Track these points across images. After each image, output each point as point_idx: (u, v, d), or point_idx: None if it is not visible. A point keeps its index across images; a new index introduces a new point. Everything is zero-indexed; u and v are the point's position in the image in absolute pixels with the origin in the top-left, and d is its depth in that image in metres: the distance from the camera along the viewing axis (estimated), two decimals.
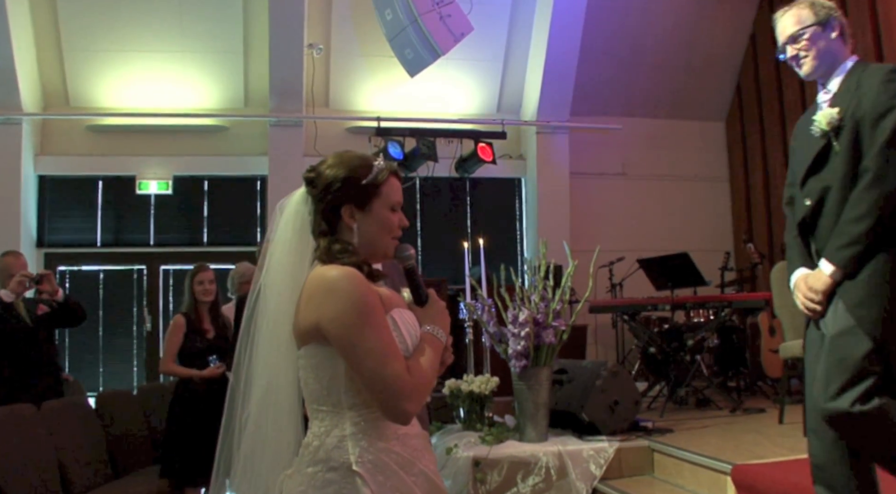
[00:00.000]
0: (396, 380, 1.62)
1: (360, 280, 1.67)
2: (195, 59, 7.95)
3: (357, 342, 1.62)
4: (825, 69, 2.49)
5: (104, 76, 7.87)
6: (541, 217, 8.43)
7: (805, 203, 2.44)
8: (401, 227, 1.84)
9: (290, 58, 7.71)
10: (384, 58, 7.73)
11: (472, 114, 8.67)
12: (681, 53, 8.78)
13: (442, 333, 1.80)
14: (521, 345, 4.52)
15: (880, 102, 2.31)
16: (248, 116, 8.21)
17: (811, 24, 2.47)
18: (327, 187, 1.77)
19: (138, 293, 8.13)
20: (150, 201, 8.19)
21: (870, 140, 2.30)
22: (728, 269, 7.24)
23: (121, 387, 7.19)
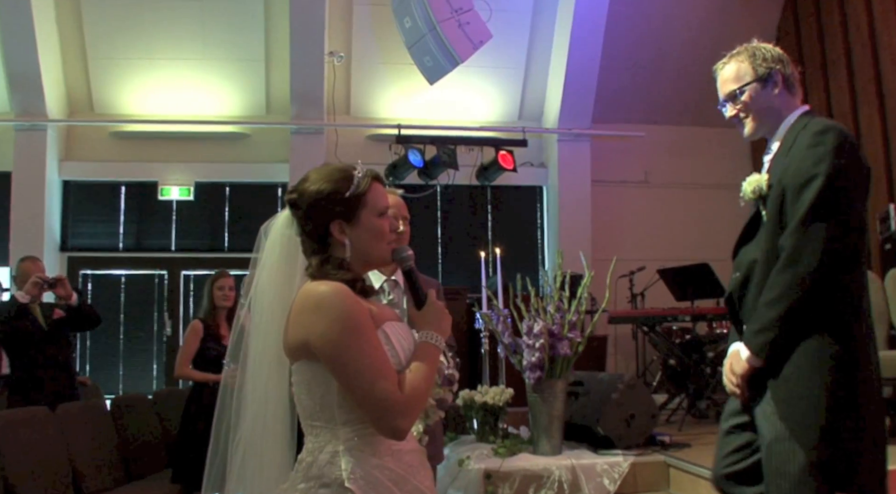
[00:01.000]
0: (388, 397, 1.61)
1: (349, 296, 1.66)
2: (217, 67, 8.03)
3: (346, 359, 1.62)
4: (768, 128, 2.32)
5: (128, 83, 7.97)
6: (562, 226, 8.39)
7: (734, 275, 2.29)
8: (392, 230, 1.83)
9: (310, 66, 7.77)
10: (405, 65, 7.75)
11: (493, 121, 8.66)
12: (704, 59, 8.47)
13: (439, 338, 1.78)
14: (535, 356, 4.46)
15: (803, 169, 2.10)
16: (269, 123, 8.27)
17: (750, 81, 2.30)
18: (312, 207, 1.75)
19: (159, 298, 8.20)
20: (172, 207, 8.28)
21: (791, 213, 2.10)
22: None
23: (141, 391, 7.21)
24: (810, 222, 2.04)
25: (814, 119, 2.24)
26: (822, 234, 2.03)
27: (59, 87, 7.84)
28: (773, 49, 2.33)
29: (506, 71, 8.51)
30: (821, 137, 2.11)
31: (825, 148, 2.09)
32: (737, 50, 2.37)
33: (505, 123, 8.63)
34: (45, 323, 4.79)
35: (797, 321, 2.06)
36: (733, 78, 2.33)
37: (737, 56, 2.35)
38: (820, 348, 2.07)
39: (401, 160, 7.67)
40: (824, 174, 2.05)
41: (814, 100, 8.23)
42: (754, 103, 2.30)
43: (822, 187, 2.04)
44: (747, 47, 2.35)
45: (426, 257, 8.49)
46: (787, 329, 2.07)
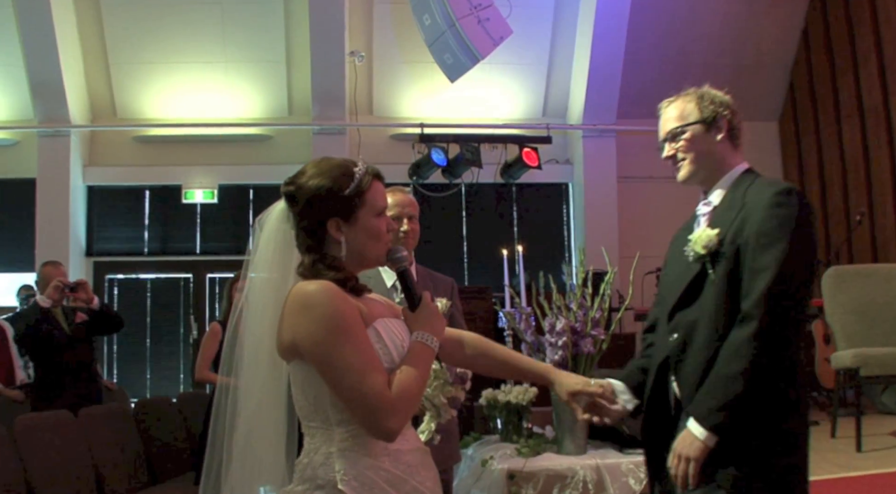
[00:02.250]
0: (376, 397, 1.59)
1: (336, 294, 1.64)
2: (238, 69, 8.07)
3: (332, 359, 1.60)
4: (705, 175, 2.19)
5: (150, 88, 8.04)
6: (588, 223, 8.33)
7: (671, 338, 2.14)
8: (390, 230, 1.82)
9: (331, 66, 7.79)
10: (426, 64, 7.73)
11: (517, 119, 8.62)
12: (730, 52, 8.58)
13: (433, 339, 1.75)
14: (558, 355, 4.37)
15: (765, 230, 1.98)
16: (291, 124, 8.31)
17: (694, 121, 2.17)
18: (309, 203, 1.72)
19: (185, 301, 8.27)
20: (196, 210, 8.34)
21: (750, 277, 1.97)
22: None
23: (167, 394, 7.27)
24: (777, 290, 1.93)
25: (762, 177, 2.15)
26: (789, 303, 1.95)
27: (81, 92, 7.93)
28: (723, 96, 2.24)
29: (529, 67, 8.47)
30: (785, 199, 2.01)
31: (790, 211, 1.99)
32: (685, 91, 2.27)
33: (529, 120, 8.58)
34: (68, 328, 4.83)
35: (759, 392, 1.93)
36: (676, 116, 2.21)
37: (684, 96, 2.25)
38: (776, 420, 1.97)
39: (424, 159, 7.66)
40: (788, 239, 1.96)
41: (843, 94, 8.09)
42: (694, 145, 2.18)
43: (788, 254, 1.95)
44: (697, 90, 2.26)
45: (451, 256, 8.47)
46: (751, 403, 1.93)
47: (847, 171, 8.13)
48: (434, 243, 8.43)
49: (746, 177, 2.16)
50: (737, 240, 2.03)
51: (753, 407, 1.93)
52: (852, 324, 4.78)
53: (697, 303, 2.08)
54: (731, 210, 2.09)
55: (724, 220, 2.09)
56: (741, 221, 2.04)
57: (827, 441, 4.64)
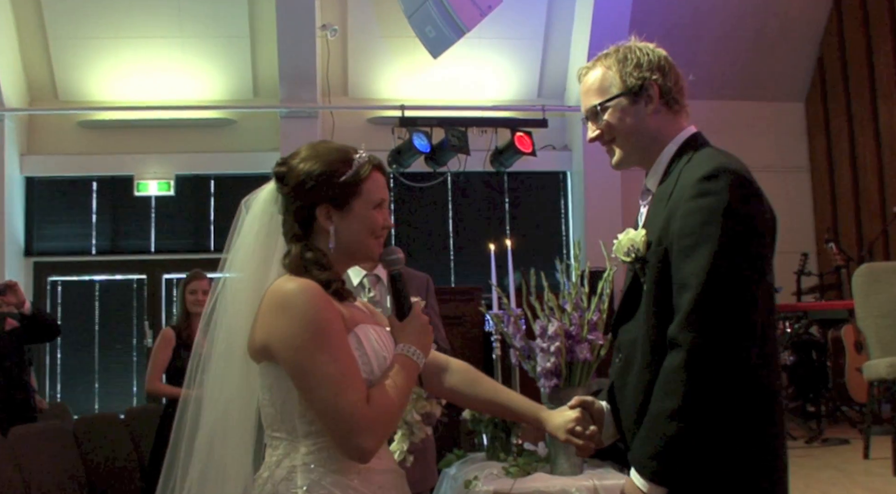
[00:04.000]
0: (352, 413, 1.60)
1: (318, 296, 1.67)
2: (197, 46, 7.99)
3: (308, 367, 1.62)
4: (642, 155, 2.00)
5: (96, 66, 7.92)
6: (588, 215, 8.30)
7: (616, 359, 2.01)
8: (384, 226, 1.82)
9: (301, 41, 7.73)
10: (407, 38, 7.68)
11: (509, 100, 8.59)
12: (750, 23, 8.56)
13: (420, 354, 1.77)
14: (550, 362, 4.28)
15: (687, 229, 1.78)
16: (257, 107, 8.27)
17: (617, 94, 1.97)
18: (300, 185, 1.75)
19: (138, 305, 8.18)
20: (150, 204, 8.26)
21: (676, 292, 1.79)
22: (805, 273, 7.12)
23: (118, 409, 7.20)
24: (703, 309, 1.73)
25: (701, 150, 1.92)
26: (726, 319, 1.73)
27: (16, 72, 7.81)
28: (653, 51, 2.03)
29: (522, 42, 8.43)
30: (709, 185, 1.79)
31: (716, 200, 1.77)
32: (605, 51, 2.07)
33: (522, 102, 8.55)
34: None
35: (704, 432, 1.75)
36: (596, 89, 2.01)
37: (604, 59, 2.04)
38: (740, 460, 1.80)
39: (405, 145, 7.61)
40: (714, 240, 1.75)
41: (880, 70, 8.06)
42: (621, 124, 1.98)
43: (712, 260, 1.74)
44: (619, 48, 2.04)
45: (436, 253, 8.45)
46: (693, 447, 1.75)
47: (883, 157, 8.12)
48: (416, 239, 8.37)
49: (684, 149, 1.95)
50: (664, 240, 1.85)
51: (705, 452, 1.75)
52: (887, 329, 4.72)
53: (635, 319, 1.93)
54: (662, 200, 1.90)
55: (655, 214, 1.91)
56: (668, 214, 1.85)
57: (859, 462, 4.60)
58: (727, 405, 1.74)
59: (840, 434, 5.55)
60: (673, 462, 1.75)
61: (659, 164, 1.97)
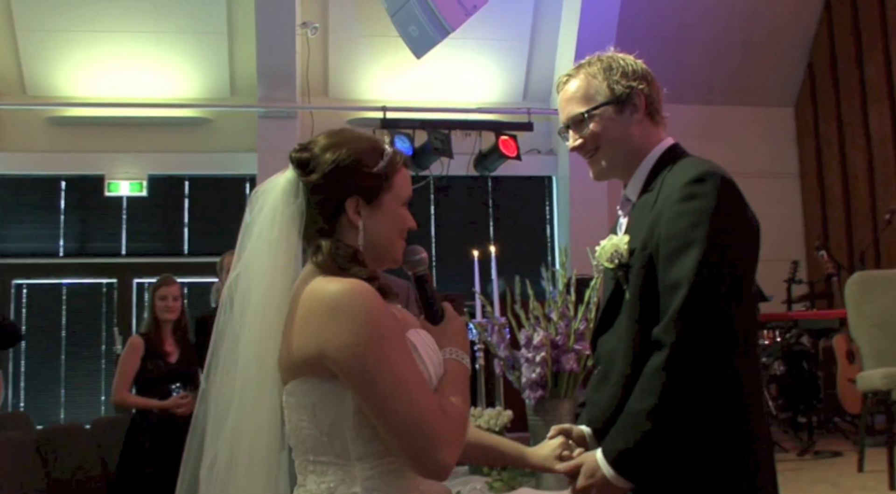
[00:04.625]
0: (432, 424, 1.50)
1: (374, 297, 1.55)
2: (172, 41, 7.91)
3: (378, 377, 1.50)
4: (624, 167, 2.02)
5: (66, 60, 7.82)
6: (574, 221, 8.29)
7: (596, 371, 2.04)
8: (411, 227, 1.74)
9: (280, 39, 7.66)
10: (390, 38, 7.66)
11: (494, 102, 8.60)
12: (739, 27, 8.60)
13: (466, 358, 1.69)
14: (535, 372, 4.24)
15: (676, 231, 1.81)
16: (233, 106, 8.19)
17: (603, 102, 1.99)
18: (330, 174, 1.64)
19: (107, 310, 8.06)
20: (122, 205, 8.15)
21: (663, 296, 1.81)
22: (796, 281, 7.08)
23: (85, 419, 7.08)
24: (690, 310, 1.76)
25: (683, 159, 1.96)
26: (711, 322, 1.76)
27: None
28: (635, 62, 2.05)
29: (507, 43, 8.42)
30: (696, 188, 1.82)
31: (704, 203, 1.81)
32: (587, 59, 2.08)
33: (507, 105, 8.55)
34: None
35: (680, 432, 1.79)
36: (581, 98, 2.02)
37: (587, 68, 2.05)
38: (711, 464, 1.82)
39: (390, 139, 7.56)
40: (703, 242, 1.77)
41: (871, 76, 8.12)
42: (606, 133, 1.99)
43: (701, 261, 1.77)
44: (601, 57, 2.06)
45: None
46: (668, 446, 1.79)
47: (874, 163, 8.16)
48: None
49: (666, 160, 1.98)
50: (648, 246, 1.87)
51: (679, 452, 1.78)
52: (881, 339, 4.76)
53: (614, 329, 1.95)
54: (645, 208, 1.93)
55: (639, 221, 1.93)
56: (653, 220, 1.87)
57: (854, 475, 4.58)
58: (705, 408, 1.77)
59: (832, 447, 5.57)
60: (644, 459, 1.79)
61: (639, 174, 1.99)
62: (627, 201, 2.03)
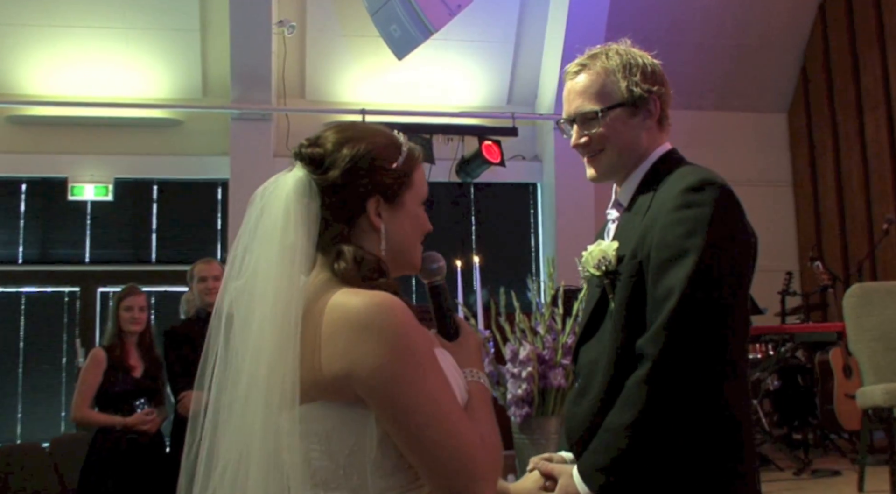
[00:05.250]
0: (472, 455, 1.41)
1: (407, 314, 1.45)
2: (142, 38, 7.82)
3: (413, 402, 1.40)
4: (624, 171, 1.97)
5: (28, 56, 7.72)
6: (560, 230, 8.25)
7: (576, 385, 2.00)
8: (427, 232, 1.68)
9: (255, 38, 7.59)
10: (370, 38, 7.60)
11: (477, 106, 8.55)
12: (731, 30, 8.61)
13: (486, 378, 1.62)
14: (521, 389, 4.23)
15: (670, 239, 1.78)
16: (205, 107, 8.10)
17: (618, 103, 1.94)
18: (350, 171, 1.54)
19: (69, 321, 7.94)
20: (86, 209, 8.05)
21: (652, 308, 1.78)
22: (790, 293, 7.11)
23: (45, 437, 6.93)
24: (678, 323, 1.72)
25: (682, 166, 1.92)
26: (696, 340, 1.72)
27: None
28: (654, 63, 1.99)
29: (492, 45, 8.38)
30: (694, 196, 1.79)
31: (701, 212, 1.77)
32: (599, 49, 2.01)
33: (491, 109, 8.52)
34: None
35: (660, 450, 1.74)
36: (594, 94, 1.96)
37: (604, 60, 1.97)
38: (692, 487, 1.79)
39: None
40: (698, 252, 1.74)
41: (867, 81, 8.13)
42: (616, 136, 1.94)
43: (695, 271, 1.73)
44: (619, 51, 1.99)
45: None
46: (646, 464, 1.74)
47: (869, 171, 8.17)
48: None
49: (662, 166, 1.94)
50: (638, 254, 1.83)
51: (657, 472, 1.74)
52: (882, 353, 4.75)
53: (597, 339, 1.93)
54: (637, 214, 1.90)
55: (630, 227, 1.91)
56: (645, 227, 1.84)
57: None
58: (687, 424, 1.73)
59: (830, 465, 5.56)
60: (620, 478, 1.74)
61: (633, 178, 1.96)
62: (618, 205, 1.99)
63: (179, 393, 4.70)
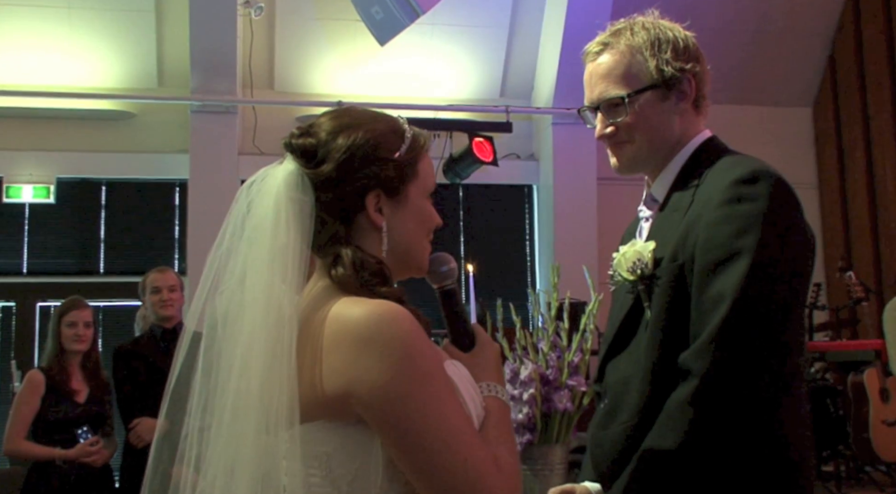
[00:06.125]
0: (487, 483, 1.41)
1: (413, 325, 1.45)
2: (89, 20, 7.76)
3: (421, 424, 1.40)
4: (655, 161, 1.95)
5: None
6: (558, 236, 8.26)
7: (601, 406, 1.99)
8: (438, 225, 1.68)
9: (218, 19, 7.53)
10: (348, 22, 7.59)
11: (467, 99, 8.58)
12: (751, 15, 8.62)
13: (505, 393, 1.62)
14: (522, 413, 4.12)
15: (718, 239, 1.74)
16: (161, 98, 8.07)
17: (647, 86, 1.91)
18: (346, 163, 1.54)
19: (3, 340, 7.90)
20: (23, 213, 8.01)
21: (697, 316, 1.74)
22: (818, 307, 7.06)
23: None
24: (730, 334, 1.68)
25: (727, 155, 1.90)
26: (750, 355, 1.68)
27: None
28: (686, 36, 1.97)
29: (484, 30, 8.38)
30: (746, 189, 1.76)
31: (754, 207, 1.74)
32: (624, 24, 1.99)
33: (482, 102, 8.53)
34: None
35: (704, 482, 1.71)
36: (620, 76, 1.93)
37: (629, 37, 1.95)
38: None
39: None
40: (751, 253, 1.70)
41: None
42: (646, 123, 1.92)
43: (749, 275, 1.69)
44: (645, 25, 1.97)
45: None
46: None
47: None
48: None
49: (703, 155, 1.91)
50: (679, 257, 1.80)
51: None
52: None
53: (629, 353, 1.90)
54: (676, 210, 1.87)
55: (668, 226, 1.87)
56: (687, 226, 1.81)
57: None
58: (738, 453, 1.69)
59: None
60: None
61: (669, 170, 1.93)
62: (653, 201, 1.96)
63: (131, 420, 4.63)
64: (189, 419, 1.52)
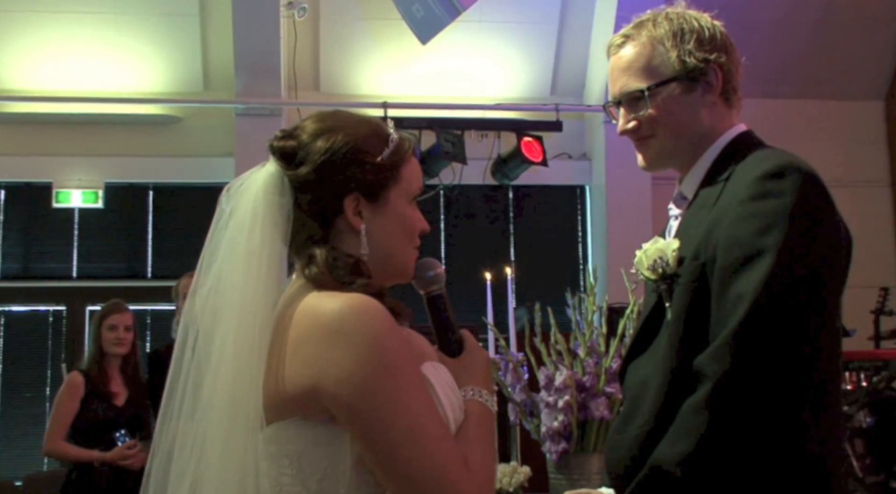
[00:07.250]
0: (453, 481, 1.44)
1: (382, 315, 1.49)
2: (135, 26, 7.87)
3: (387, 418, 1.43)
4: (682, 157, 1.95)
5: (7, 47, 7.81)
6: (611, 239, 8.21)
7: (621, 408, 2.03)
8: (423, 230, 1.71)
9: (262, 22, 7.64)
10: (392, 21, 7.62)
11: (516, 98, 8.55)
12: (814, 4, 8.51)
13: (492, 399, 1.65)
14: (558, 420, 4.18)
15: (738, 238, 1.72)
16: (207, 102, 8.16)
17: (669, 78, 1.90)
18: (325, 165, 1.60)
19: (54, 343, 8.00)
20: (73, 218, 8.12)
21: (717, 316, 1.71)
22: (886, 312, 7.01)
23: (24, 473, 6.95)
24: (748, 337, 1.65)
25: (758, 150, 1.88)
26: (770, 359, 1.65)
27: None
28: (712, 25, 1.95)
29: (532, 26, 8.37)
30: (772, 184, 1.73)
31: (780, 204, 1.72)
32: (648, 15, 1.98)
33: (531, 100, 8.49)
34: None
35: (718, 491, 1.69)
36: (641, 69, 1.93)
37: (651, 28, 1.95)
38: None
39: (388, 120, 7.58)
40: (775, 252, 1.68)
41: None
42: (669, 117, 1.92)
43: (771, 275, 1.66)
44: (669, 16, 1.96)
45: None
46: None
47: None
48: None
49: (735, 150, 1.89)
50: (701, 255, 1.79)
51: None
52: None
53: (649, 354, 1.90)
54: (703, 209, 1.86)
55: (694, 223, 1.87)
56: (711, 223, 1.80)
57: None
58: (754, 462, 1.65)
59: None
60: None
61: (699, 167, 1.92)
62: (682, 198, 1.96)
63: None
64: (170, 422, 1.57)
